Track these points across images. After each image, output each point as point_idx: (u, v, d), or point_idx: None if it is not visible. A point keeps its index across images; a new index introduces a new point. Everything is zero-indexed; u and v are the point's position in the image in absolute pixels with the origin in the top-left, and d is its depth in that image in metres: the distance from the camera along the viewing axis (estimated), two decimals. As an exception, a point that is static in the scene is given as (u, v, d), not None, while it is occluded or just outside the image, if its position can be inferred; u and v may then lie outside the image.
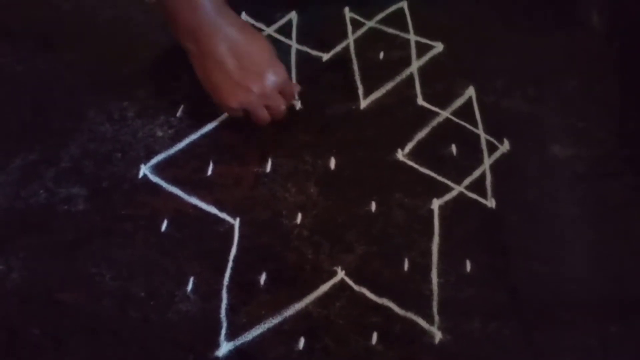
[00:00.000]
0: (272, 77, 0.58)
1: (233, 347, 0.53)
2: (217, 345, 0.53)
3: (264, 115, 0.61)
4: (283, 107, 0.61)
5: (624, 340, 0.52)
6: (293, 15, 0.77)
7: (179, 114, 0.68)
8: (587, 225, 0.59)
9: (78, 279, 0.57)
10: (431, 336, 0.53)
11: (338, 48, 0.74)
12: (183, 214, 0.61)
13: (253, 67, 0.57)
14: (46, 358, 0.53)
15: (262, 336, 0.54)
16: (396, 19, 0.76)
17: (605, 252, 0.57)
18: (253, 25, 0.66)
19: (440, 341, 0.53)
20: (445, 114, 0.67)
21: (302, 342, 0.53)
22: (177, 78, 0.71)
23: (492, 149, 0.64)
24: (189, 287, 0.56)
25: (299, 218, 0.60)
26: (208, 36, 0.56)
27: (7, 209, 0.62)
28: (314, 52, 0.73)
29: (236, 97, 0.58)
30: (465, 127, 0.66)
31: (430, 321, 0.54)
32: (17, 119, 0.69)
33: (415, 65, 0.71)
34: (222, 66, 0.57)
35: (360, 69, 0.71)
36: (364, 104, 0.68)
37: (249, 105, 0.59)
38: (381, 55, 0.73)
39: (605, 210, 0.60)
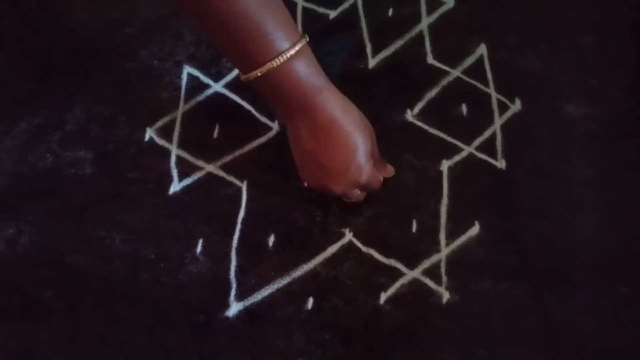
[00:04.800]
0: (349, 178, 0.52)
1: (243, 307, 0.54)
2: (227, 306, 0.54)
3: (356, 197, 0.56)
4: (363, 195, 0.56)
5: (634, 301, 0.52)
6: (298, -29, 0.74)
7: (183, 75, 0.67)
8: (599, 186, 0.58)
9: (88, 242, 0.58)
10: (439, 296, 0.53)
11: (346, 5, 0.72)
12: (190, 177, 0.61)
13: (334, 167, 0.51)
14: (59, 320, 0.54)
15: (271, 296, 0.54)
16: (405, -26, 0.73)
17: (617, 213, 0.57)
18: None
19: (448, 301, 0.53)
20: (455, 72, 0.66)
21: (310, 302, 0.54)
22: (180, 38, 0.69)
23: (503, 108, 0.63)
24: (198, 249, 0.57)
25: (306, 180, 0.60)
26: (298, 122, 0.51)
27: (14, 173, 0.62)
28: (321, 10, 0.72)
29: (316, 186, 0.54)
30: (476, 86, 0.65)
31: (438, 282, 0.54)
32: (21, 82, 0.69)
33: (425, 22, 0.69)
34: (306, 159, 0.53)
35: (368, 26, 0.70)
36: (372, 63, 0.67)
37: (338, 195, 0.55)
38: (390, 12, 0.71)
39: (618, 171, 0.59)
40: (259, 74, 0.48)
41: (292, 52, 0.47)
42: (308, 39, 0.49)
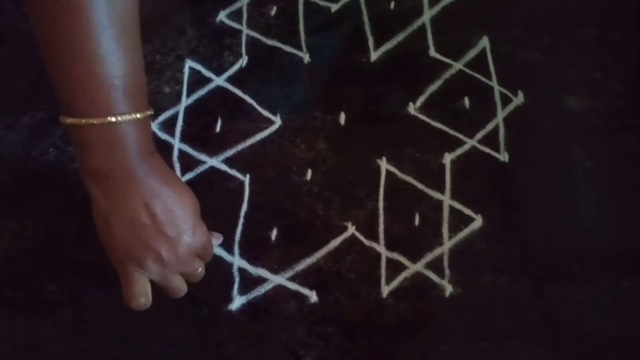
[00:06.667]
0: (189, 240, 0.46)
1: (246, 301, 0.54)
2: (230, 300, 0.54)
3: (177, 285, 0.48)
4: (201, 270, 0.49)
5: (635, 294, 0.52)
6: (300, -36, 0.74)
7: (185, 69, 0.67)
8: (602, 180, 0.58)
9: (91, 235, 0.58)
10: (442, 289, 0.54)
11: (347, -2, 0.71)
12: (193, 171, 0.61)
13: (168, 229, 0.44)
14: (63, 314, 0.54)
15: (274, 290, 0.54)
16: (407, -34, 0.73)
17: (619, 206, 0.57)
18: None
19: (451, 294, 0.53)
20: (458, 65, 0.65)
21: (313, 296, 0.54)
22: (182, 32, 0.69)
23: (505, 101, 0.63)
24: (201, 243, 0.57)
25: (309, 174, 0.60)
26: (122, 186, 0.43)
27: (18, 168, 0.62)
28: (323, 3, 0.71)
29: (141, 262, 0.45)
30: (478, 79, 0.64)
31: (441, 275, 0.54)
32: (23, 76, 0.69)
33: (427, 14, 0.69)
34: (131, 223, 0.44)
35: (370, 19, 0.69)
36: (374, 56, 0.67)
37: (157, 276, 0.47)
38: (392, 4, 0.70)
39: (620, 164, 0.59)
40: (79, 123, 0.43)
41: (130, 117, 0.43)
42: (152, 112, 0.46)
